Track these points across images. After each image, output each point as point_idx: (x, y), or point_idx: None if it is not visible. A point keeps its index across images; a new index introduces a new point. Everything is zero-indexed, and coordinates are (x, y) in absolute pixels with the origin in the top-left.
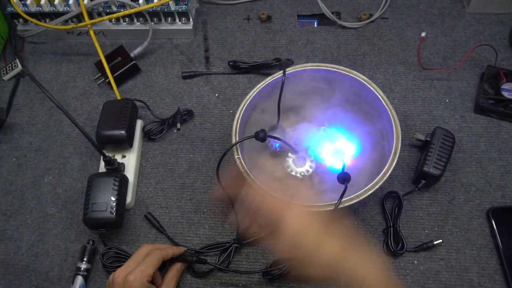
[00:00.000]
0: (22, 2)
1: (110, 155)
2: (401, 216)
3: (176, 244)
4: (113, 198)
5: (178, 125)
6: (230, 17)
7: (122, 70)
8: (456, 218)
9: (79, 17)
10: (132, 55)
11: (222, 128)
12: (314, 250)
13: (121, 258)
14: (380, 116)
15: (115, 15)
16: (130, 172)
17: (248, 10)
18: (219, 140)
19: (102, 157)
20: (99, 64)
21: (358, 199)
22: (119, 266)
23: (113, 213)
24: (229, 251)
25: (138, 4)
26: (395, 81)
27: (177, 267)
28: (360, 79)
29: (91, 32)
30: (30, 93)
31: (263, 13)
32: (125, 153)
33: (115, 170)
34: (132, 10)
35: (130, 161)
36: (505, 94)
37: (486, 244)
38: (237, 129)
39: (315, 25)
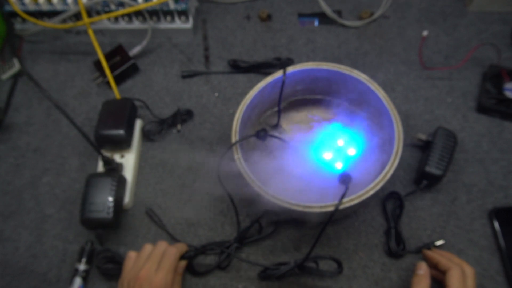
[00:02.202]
0: (20, 0)
1: (108, 155)
2: (402, 217)
3: (177, 240)
4: (110, 199)
5: (179, 126)
6: (230, 16)
7: (121, 69)
8: (458, 218)
9: (77, 16)
10: (131, 54)
11: (222, 128)
12: None
13: (116, 260)
14: (381, 116)
15: (113, 14)
16: (129, 172)
17: (248, 8)
18: (219, 140)
19: (100, 157)
20: (97, 64)
21: (359, 200)
22: (115, 268)
23: (109, 214)
24: (229, 249)
25: (137, 2)
26: (397, 80)
27: (179, 269)
28: (361, 79)
29: (90, 31)
30: (28, 93)
31: (263, 12)
32: (124, 153)
33: (113, 170)
34: (131, 9)
35: (128, 161)
36: (508, 93)
37: (488, 245)
38: (237, 129)
39: (316, 24)
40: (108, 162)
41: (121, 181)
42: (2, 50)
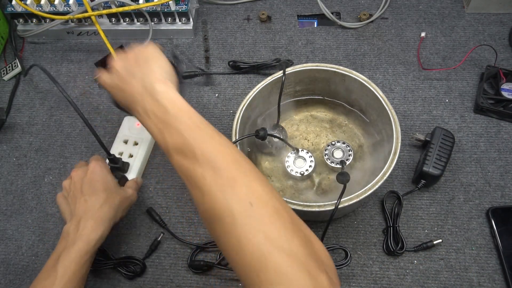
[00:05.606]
0: (23, 2)
1: (116, 153)
2: (400, 216)
3: (178, 239)
4: None
5: None
6: (230, 17)
7: None
8: (456, 218)
9: (78, 19)
10: None
11: (222, 128)
12: None
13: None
14: (380, 116)
15: (114, 10)
16: (134, 172)
17: (248, 10)
18: None
19: (107, 155)
20: (99, 64)
21: (358, 199)
22: (107, 267)
23: None
24: None
25: (138, 3)
26: (395, 81)
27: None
28: (360, 79)
29: (97, 26)
30: (30, 93)
31: (263, 13)
32: (133, 153)
33: (118, 169)
34: (132, 7)
35: (135, 161)
36: (505, 94)
37: (485, 244)
38: (237, 129)
39: (315, 25)
40: (114, 161)
41: (122, 181)
42: (4, 51)
